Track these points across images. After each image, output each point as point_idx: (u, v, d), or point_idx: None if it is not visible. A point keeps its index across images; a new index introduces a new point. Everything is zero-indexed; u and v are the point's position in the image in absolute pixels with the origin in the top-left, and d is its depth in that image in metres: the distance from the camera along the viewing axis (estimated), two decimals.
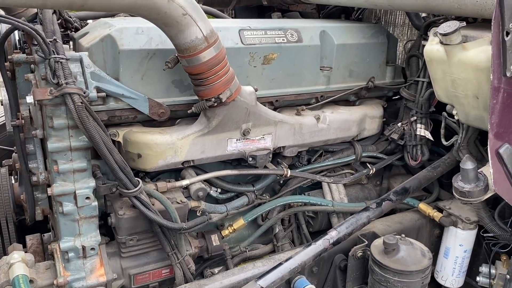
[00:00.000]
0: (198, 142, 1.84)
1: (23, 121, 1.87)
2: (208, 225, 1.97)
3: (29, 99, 1.61)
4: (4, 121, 2.84)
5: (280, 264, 1.74)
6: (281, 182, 2.24)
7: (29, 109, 1.89)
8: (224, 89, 1.71)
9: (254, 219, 2.13)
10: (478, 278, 2.14)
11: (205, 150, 1.88)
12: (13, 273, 1.59)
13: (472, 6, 1.64)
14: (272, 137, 2.01)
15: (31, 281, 1.63)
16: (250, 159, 1.99)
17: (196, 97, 1.80)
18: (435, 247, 2.27)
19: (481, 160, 2.03)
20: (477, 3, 1.62)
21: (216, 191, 2.04)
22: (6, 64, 1.86)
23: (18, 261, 1.63)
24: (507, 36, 1.38)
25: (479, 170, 1.65)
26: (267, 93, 2.03)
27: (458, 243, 2.13)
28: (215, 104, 1.72)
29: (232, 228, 2.08)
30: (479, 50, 1.61)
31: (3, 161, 2.23)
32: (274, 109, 2.08)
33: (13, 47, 2.03)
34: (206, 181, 1.98)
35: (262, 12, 3.10)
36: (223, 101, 1.72)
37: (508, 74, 1.44)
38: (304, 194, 2.28)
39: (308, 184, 2.29)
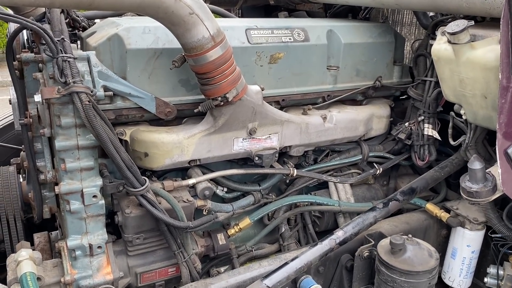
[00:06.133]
0: (204, 141, 1.84)
1: (31, 119, 1.89)
2: (214, 224, 1.97)
3: (37, 98, 1.62)
4: (13, 120, 2.86)
5: (286, 263, 1.74)
6: (287, 181, 2.24)
7: (37, 108, 1.90)
8: (230, 88, 1.71)
9: (260, 218, 2.13)
10: (486, 279, 2.12)
11: (212, 149, 1.88)
12: (21, 271, 1.60)
13: (481, 5, 1.63)
14: (279, 136, 2.01)
15: (38, 278, 1.64)
16: (256, 158, 1.99)
17: (202, 96, 1.80)
18: (442, 248, 2.26)
19: (489, 160, 2.01)
20: (486, 2, 1.60)
21: (222, 190, 2.05)
22: (14, 63, 1.87)
23: (26, 258, 1.64)
24: None
25: (487, 170, 1.64)
26: (273, 93, 2.03)
27: (466, 243, 2.12)
28: (222, 103, 1.73)
29: (238, 227, 2.08)
30: (488, 49, 1.59)
31: (11, 160, 2.25)
32: (281, 109, 2.08)
33: (21, 46, 2.04)
34: (213, 180, 1.98)
35: (269, 12, 3.11)
36: (230, 100, 1.72)
37: None
38: (311, 194, 2.28)
39: (315, 183, 2.29)
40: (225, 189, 2.06)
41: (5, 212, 2.03)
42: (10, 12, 2.02)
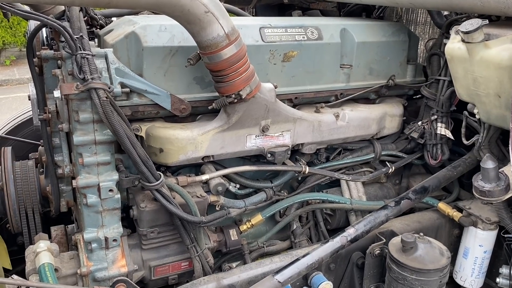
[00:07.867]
0: (218, 138, 1.87)
1: (49, 115, 1.93)
2: (227, 220, 2.00)
3: (56, 93, 1.66)
4: (31, 116, 2.92)
5: (297, 259, 1.75)
6: (299, 179, 2.26)
7: (56, 104, 1.94)
8: (244, 86, 1.73)
9: (272, 215, 2.15)
10: (498, 279, 2.11)
11: (225, 145, 1.90)
12: (39, 261, 1.64)
13: (496, 4, 1.63)
14: (291, 134, 2.02)
15: (56, 269, 1.68)
16: (269, 155, 2.00)
17: (216, 94, 1.83)
18: (454, 247, 2.25)
19: (503, 159, 2.00)
20: (501, 1, 1.60)
21: (235, 187, 2.07)
22: (34, 60, 1.92)
23: (44, 250, 1.69)
24: None
25: (500, 170, 1.63)
26: (286, 90, 2.05)
27: (478, 243, 2.11)
28: (235, 100, 1.75)
29: (250, 223, 2.10)
30: (502, 48, 1.59)
31: (30, 154, 2.30)
32: (294, 106, 2.09)
33: (41, 44, 2.09)
34: (226, 176, 2.01)
35: (283, 10, 3.11)
36: (243, 97, 1.74)
37: None
38: (322, 192, 2.29)
39: (326, 181, 2.29)
40: (238, 186, 2.08)
41: (24, 205, 2.08)
42: (27, 9, 2.07)
